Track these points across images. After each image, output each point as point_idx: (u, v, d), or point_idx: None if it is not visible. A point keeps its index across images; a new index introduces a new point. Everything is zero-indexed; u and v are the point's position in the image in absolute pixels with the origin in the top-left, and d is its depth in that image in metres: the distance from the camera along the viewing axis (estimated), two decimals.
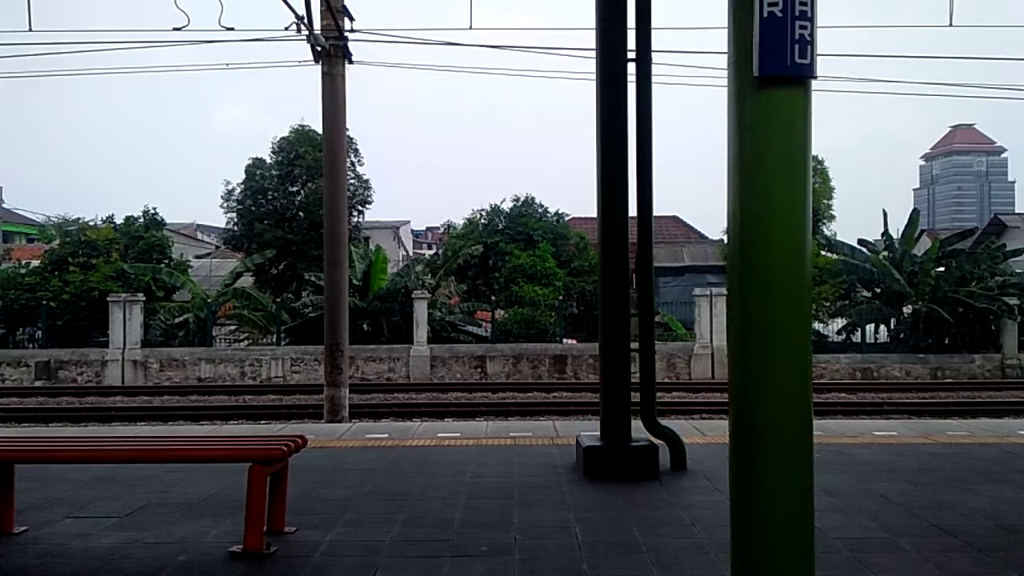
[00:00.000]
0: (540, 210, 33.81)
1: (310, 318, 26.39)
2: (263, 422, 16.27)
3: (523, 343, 26.85)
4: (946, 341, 26.12)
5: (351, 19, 14.69)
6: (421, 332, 26.06)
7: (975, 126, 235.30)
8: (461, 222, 36.27)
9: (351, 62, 14.67)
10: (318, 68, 14.52)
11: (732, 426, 3.19)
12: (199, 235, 55.02)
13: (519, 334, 27.43)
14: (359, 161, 32.15)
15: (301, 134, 30.72)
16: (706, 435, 9.14)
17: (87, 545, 5.31)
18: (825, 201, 30.62)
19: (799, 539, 3.10)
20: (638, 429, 7.55)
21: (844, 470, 7.31)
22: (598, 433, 7.58)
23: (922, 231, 45.03)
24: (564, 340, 27.70)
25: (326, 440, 9.05)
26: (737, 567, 3.17)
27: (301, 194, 30.49)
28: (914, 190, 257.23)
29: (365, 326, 27.26)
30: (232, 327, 28.83)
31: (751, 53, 3.00)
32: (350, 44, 14.71)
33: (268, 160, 30.72)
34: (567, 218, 36.09)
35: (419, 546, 5.24)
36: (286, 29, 12.46)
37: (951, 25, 12.34)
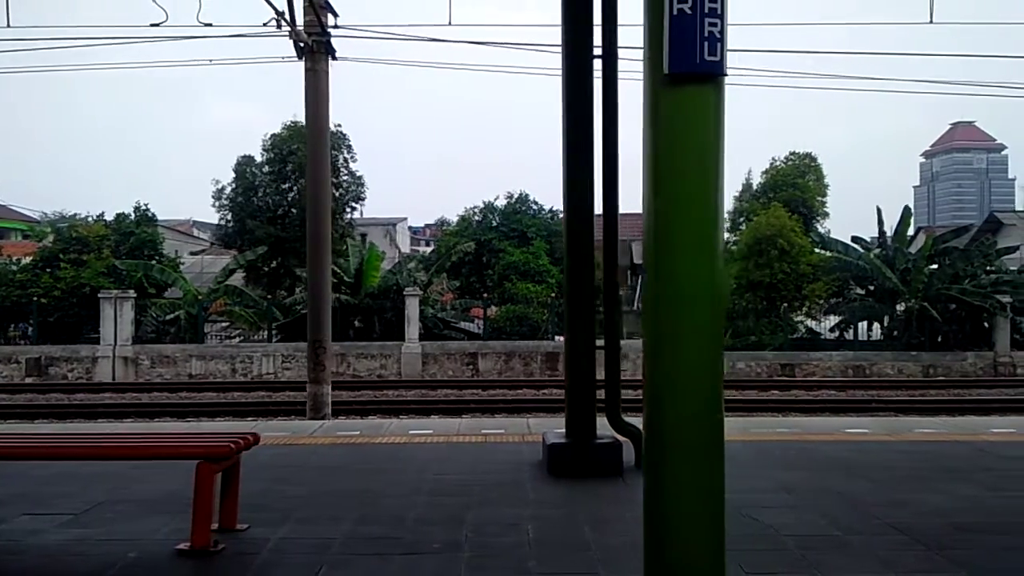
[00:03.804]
0: (534, 207, 33.81)
1: (302, 315, 26.28)
2: (249, 419, 16.26)
3: (515, 340, 26.85)
4: (939, 339, 26.11)
5: (335, 15, 14.67)
6: (413, 329, 26.06)
7: (975, 123, 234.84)
8: (456, 219, 36.29)
9: (335, 58, 14.63)
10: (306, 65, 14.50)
11: (645, 424, 3.19)
12: (195, 232, 55.02)
13: (512, 331, 27.44)
14: (352, 157, 32.21)
15: (293, 131, 30.71)
16: None
17: (40, 542, 5.31)
18: (819, 199, 30.60)
19: (709, 537, 3.10)
20: (605, 427, 7.54)
21: (807, 467, 7.30)
22: (564, 431, 7.57)
23: (919, 229, 45.09)
24: (556, 337, 27.68)
25: (296, 437, 9.05)
26: (649, 565, 3.17)
27: (293, 191, 30.48)
28: (914, 187, 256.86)
29: (357, 323, 27.28)
30: (224, 324, 28.85)
31: (662, 50, 2.99)
32: (335, 40, 14.70)
33: (259, 158, 30.71)
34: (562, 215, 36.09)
35: (369, 543, 5.24)
36: (264, 25, 12.45)
37: (931, 22, 12.30)
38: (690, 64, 2.97)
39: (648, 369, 3.13)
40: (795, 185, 29.76)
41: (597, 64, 7.46)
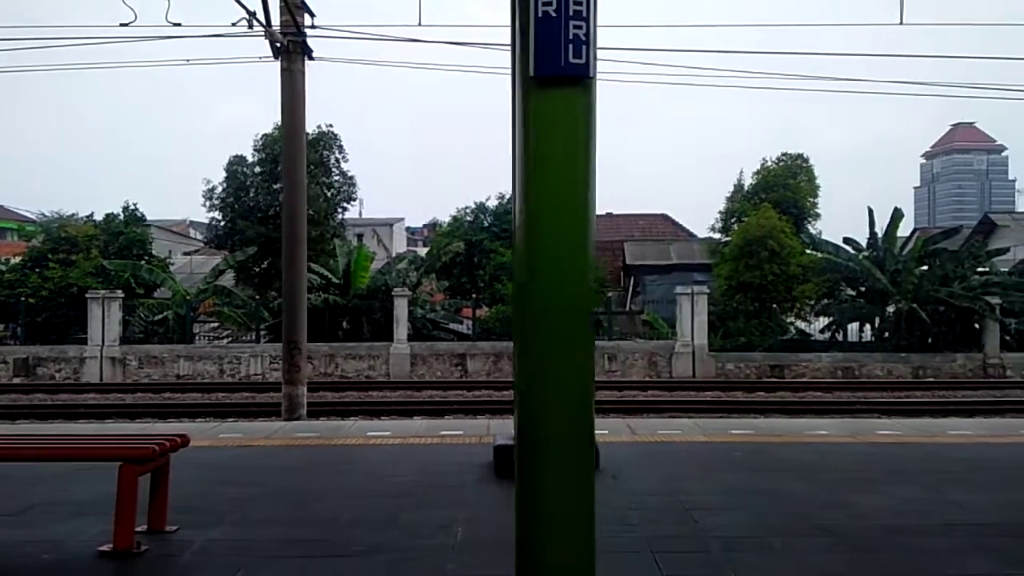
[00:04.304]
0: None
1: None
2: (230, 419, 16.26)
3: (505, 341, 26.81)
4: (929, 340, 26.03)
5: (311, 15, 14.65)
6: (401, 330, 26.04)
7: (976, 124, 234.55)
8: (447, 220, 36.28)
9: (311, 58, 14.62)
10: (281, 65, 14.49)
11: (515, 424, 3.17)
12: (192, 232, 55.07)
13: (501, 332, 27.41)
14: (343, 158, 32.21)
15: None
16: (636, 434, 9.10)
17: None
18: (811, 200, 30.47)
19: (579, 537, 3.08)
20: None
21: (757, 469, 7.28)
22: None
23: (916, 230, 44.91)
24: None
25: (253, 439, 9.04)
26: (520, 566, 3.14)
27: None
28: (915, 188, 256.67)
29: (345, 324, 27.27)
30: (214, 324, 28.85)
31: (528, 52, 2.97)
32: (313, 40, 14.69)
33: (251, 158, 30.72)
34: None
35: (294, 546, 5.23)
36: (234, 25, 12.42)
37: (901, 23, 12.26)
38: (555, 67, 2.95)
39: (518, 369, 3.11)
40: (786, 186, 29.65)
41: None
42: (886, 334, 26.71)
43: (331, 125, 32.34)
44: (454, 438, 8.97)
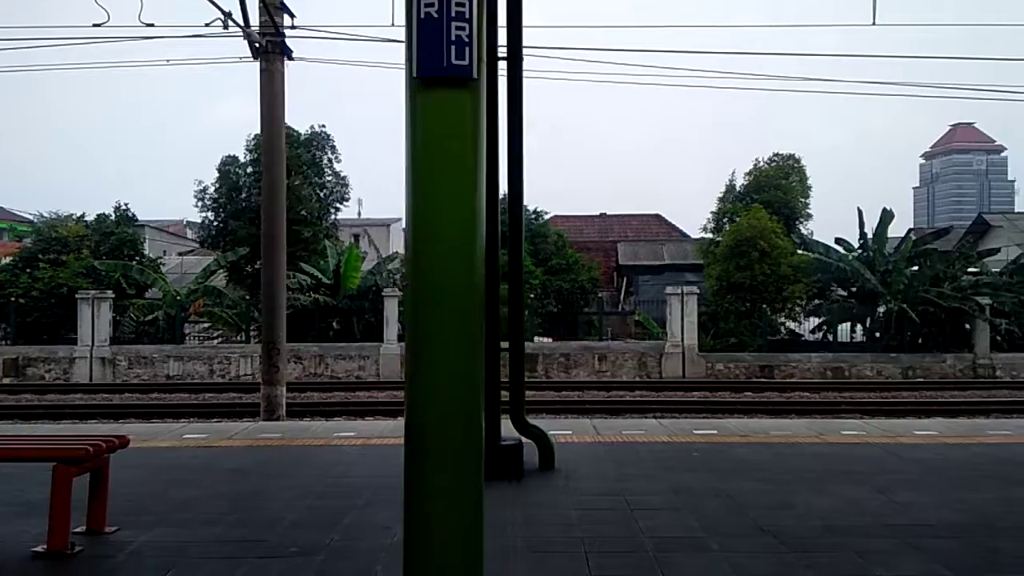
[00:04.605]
0: None
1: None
2: (215, 420, 16.29)
3: None
4: (919, 341, 25.99)
5: (291, 15, 14.67)
6: (392, 330, 26.04)
7: (975, 124, 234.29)
8: None
9: (291, 58, 14.64)
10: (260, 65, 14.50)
11: (405, 424, 3.16)
12: (188, 232, 55.06)
13: None
14: (336, 158, 32.21)
15: None
16: (599, 434, 9.09)
17: None
18: (802, 200, 30.40)
19: (466, 538, 3.07)
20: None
21: (712, 469, 7.26)
22: None
23: (909, 230, 44.79)
24: (537, 339, 27.69)
25: (216, 439, 9.05)
26: (408, 567, 3.14)
27: None
28: (914, 188, 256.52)
29: (335, 324, 27.27)
30: (206, 325, 28.85)
31: (412, 53, 2.97)
32: (293, 41, 14.71)
33: (243, 158, 30.73)
34: (550, 216, 36.09)
35: (231, 546, 5.22)
36: (207, 25, 12.42)
37: (874, 24, 12.24)
38: (436, 68, 2.94)
39: (408, 369, 3.10)
40: (778, 186, 29.59)
41: (502, 66, 7.43)
42: (877, 334, 26.68)
43: (324, 125, 32.39)
44: None
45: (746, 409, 17.99)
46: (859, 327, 28.03)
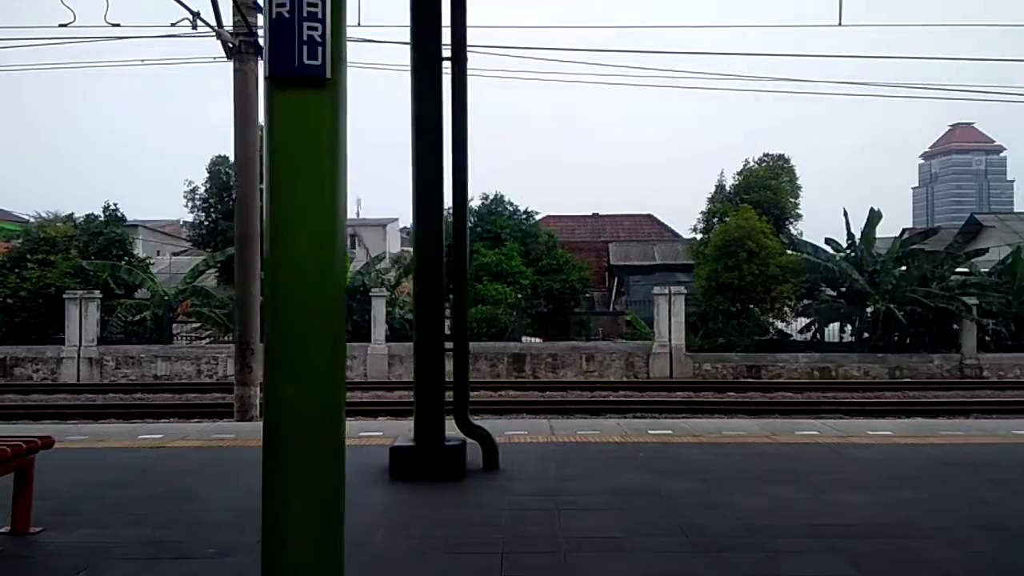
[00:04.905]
0: (510, 208, 33.72)
1: None
2: (194, 420, 16.35)
3: (483, 341, 26.84)
4: (907, 341, 25.95)
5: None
6: (379, 330, 26.09)
7: (974, 124, 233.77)
8: None
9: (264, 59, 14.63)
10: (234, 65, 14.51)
11: (264, 425, 3.17)
12: (184, 232, 55.12)
13: (480, 333, 27.43)
14: None
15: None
16: (553, 434, 9.09)
17: None
18: (792, 200, 30.35)
19: (326, 540, 3.08)
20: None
21: (653, 469, 7.26)
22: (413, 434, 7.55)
23: (904, 231, 44.66)
24: (525, 339, 27.71)
25: (169, 440, 9.06)
26: (266, 570, 3.14)
27: None
28: (913, 188, 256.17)
29: None
30: (195, 325, 28.89)
31: (266, 53, 2.98)
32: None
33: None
34: (542, 216, 36.06)
35: (151, 547, 5.23)
36: (173, 25, 12.42)
37: (840, 24, 12.21)
38: (288, 68, 2.96)
39: (268, 370, 3.10)
40: (768, 186, 29.55)
41: (446, 65, 7.44)
42: (865, 335, 26.65)
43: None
44: (371, 439, 8.96)
45: (726, 409, 18.00)
46: (848, 327, 27.99)
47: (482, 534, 5.42)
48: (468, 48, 7.48)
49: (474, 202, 34.00)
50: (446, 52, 7.39)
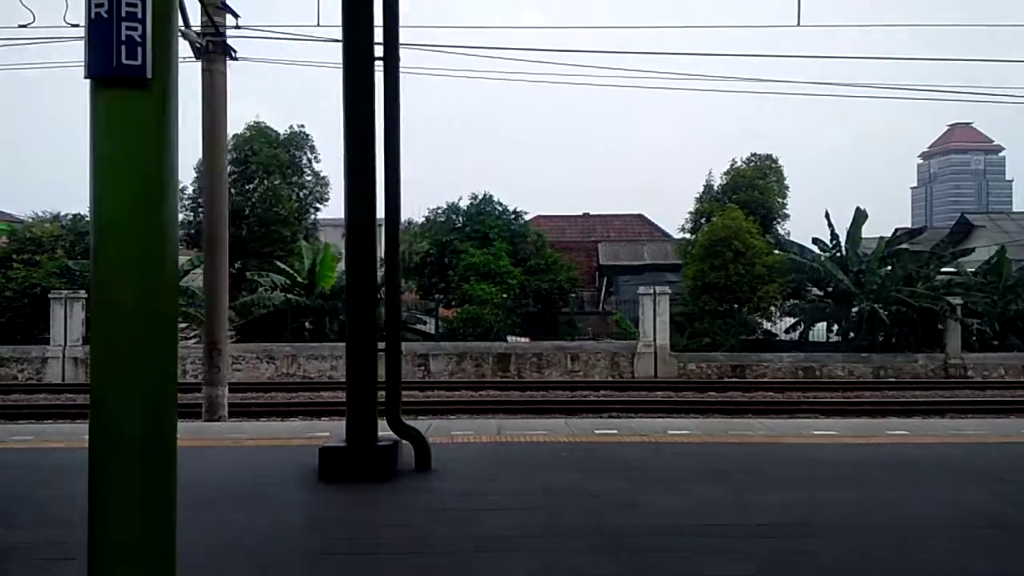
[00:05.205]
0: (499, 208, 33.70)
1: (260, 316, 26.59)
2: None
3: (468, 341, 26.84)
4: (893, 340, 25.91)
5: (235, 16, 14.71)
6: None
7: (973, 124, 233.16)
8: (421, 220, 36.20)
9: (233, 58, 14.67)
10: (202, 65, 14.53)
11: (90, 430, 3.16)
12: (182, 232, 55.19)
13: (466, 332, 27.44)
14: (315, 158, 32.29)
15: (256, 130, 30.83)
16: (499, 434, 9.08)
17: None
18: (779, 200, 30.32)
19: (157, 543, 3.08)
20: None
21: (586, 469, 7.23)
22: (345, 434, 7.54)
23: (896, 230, 44.58)
24: (511, 338, 27.69)
25: None
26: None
27: (257, 191, 30.58)
28: (911, 188, 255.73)
29: (308, 324, 27.31)
30: (183, 325, 28.87)
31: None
32: (236, 41, 14.74)
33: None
34: (531, 216, 36.05)
35: (53, 548, 5.22)
36: None
37: (799, 25, 12.19)
38: (107, 68, 2.93)
39: (93, 373, 3.08)
40: (755, 186, 29.53)
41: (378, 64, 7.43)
42: (851, 334, 26.61)
43: (303, 125, 32.46)
44: (318, 439, 8.93)
45: (703, 409, 17.95)
46: (834, 327, 27.94)
47: (390, 535, 5.43)
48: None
49: (462, 201, 34.06)
50: (378, 52, 7.40)
